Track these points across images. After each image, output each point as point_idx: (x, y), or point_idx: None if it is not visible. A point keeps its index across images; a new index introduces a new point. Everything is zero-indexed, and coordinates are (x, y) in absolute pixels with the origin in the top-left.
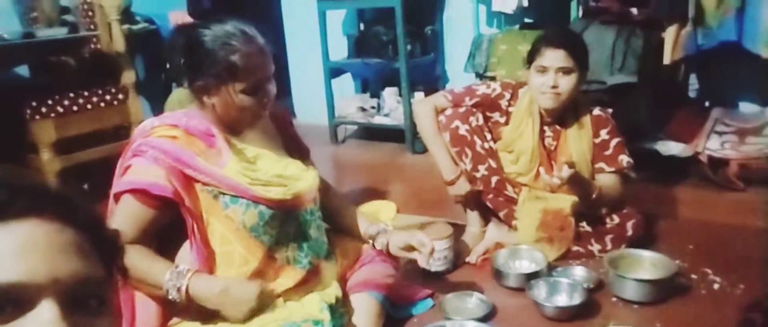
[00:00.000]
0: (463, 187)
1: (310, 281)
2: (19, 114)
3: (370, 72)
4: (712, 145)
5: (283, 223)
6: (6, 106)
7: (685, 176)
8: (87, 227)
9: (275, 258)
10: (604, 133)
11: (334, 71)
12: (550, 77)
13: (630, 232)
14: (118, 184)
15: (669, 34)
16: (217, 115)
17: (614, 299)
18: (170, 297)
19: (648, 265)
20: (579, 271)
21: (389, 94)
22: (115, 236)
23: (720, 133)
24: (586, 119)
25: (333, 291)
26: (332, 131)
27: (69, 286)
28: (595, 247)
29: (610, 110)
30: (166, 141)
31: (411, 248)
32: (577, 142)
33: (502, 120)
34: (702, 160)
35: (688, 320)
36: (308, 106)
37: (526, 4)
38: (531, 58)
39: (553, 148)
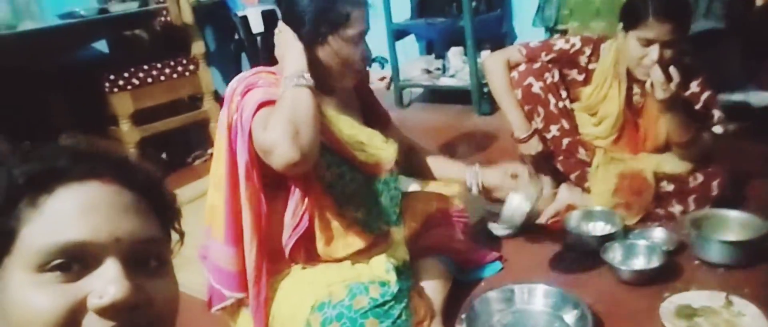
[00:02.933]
0: (534, 146)
1: (378, 245)
2: (99, 88)
3: (434, 32)
4: None
5: (358, 186)
6: (87, 81)
7: None
8: (146, 190)
9: (344, 216)
10: (694, 85)
11: (397, 33)
12: (654, 51)
13: (715, 192)
14: (246, 107)
15: None
16: (315, 70)
17: (697, 262)
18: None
19: (735, 225)
20: (658, 233)
21: (454, 54)
22: (172, 199)
23: None
24: (674, 71)
25: (400, 254)
26: (397, 94)
27: (130, 246)
28: (677, 208)
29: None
30: (271, 77)
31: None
32: None
33: (581, 78)
34: None
35: None
36: (373, 69)
37: None
38: (631, 23)
39: (639, 105)
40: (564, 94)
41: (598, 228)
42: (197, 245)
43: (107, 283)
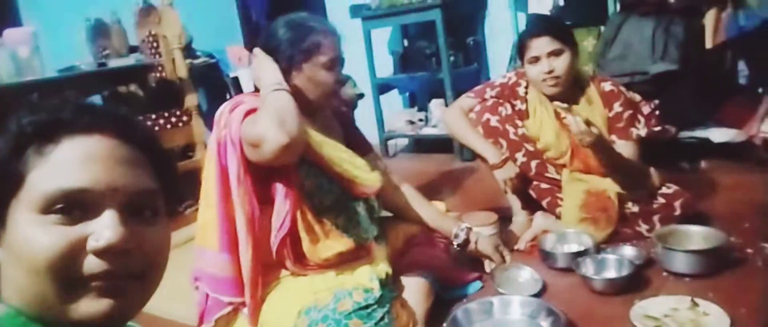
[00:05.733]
0: (511, 168)
1: (360, 257)
2: None
3: (415, 86)
4: (766, 128)
5: (335, 198)
6: None
7: (739, 161)
8: (143, 146)
9: (324, 223)
10: (617, 106)
11: (381, 87)
12: (543, 64)
13: (678, 211)
14: (234, 120)
15: (709, 18)
16: (296, 98)
17: (665, 274)
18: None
19: (698, 238)
20: (628, 250)
21: (436, 105)
22: (167, 156)
23: None
24: (594, 95)
25: (383, 268)
26: (383, 146)
27: (126, 196)
28: (644, 228)
29: (656, 101)
30: (255, 97)
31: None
32: (590, 117)
33: (524, 107)
34: (757, 144)
35: (743, 290)
36: (359, 123)
37: (561, 3)
38: (521, 53)
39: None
40: (520, 123)
41: (572, 248)
42: (187, 280)
43: (104, 228)
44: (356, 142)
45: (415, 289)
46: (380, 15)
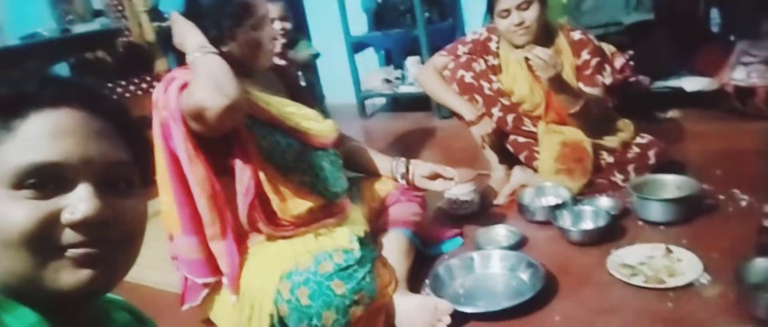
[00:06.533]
0: (488, 124)
1: (334, 216)
2: None
3: (391, 43)
4: (738, 75)
5: (296, 154)
6: None
7: (712, 109)
8: (113, 117)
9: (290, 181)
10: (585, 54)
11: (356, 46)
12: (513, 16)
13: (652, 160)
14: (171, 98)
15: None
16: (229, 59)
17: (640, 223)
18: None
19: (672, 187)
20: (604, 201)
21: (411, 62)
22: (139, 125)
23: (746, 64)
24: (563, 44)
25: (361, 227)
26: (360, 106)
27: (100, 169)
28: (619, 178)
29: (630, 52)
30: (186, 70)
31: (436, 176)
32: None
33: (497, 62)
34: (729, 92)
35: (715, 235)
36: (335, 84)
37: None
38: (491, 7)
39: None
40: (494, 78)
41: (550, 201)
42: (165, 248)
43: (79, 200)
44: (302, 99)
45: (395, 247)
46: None
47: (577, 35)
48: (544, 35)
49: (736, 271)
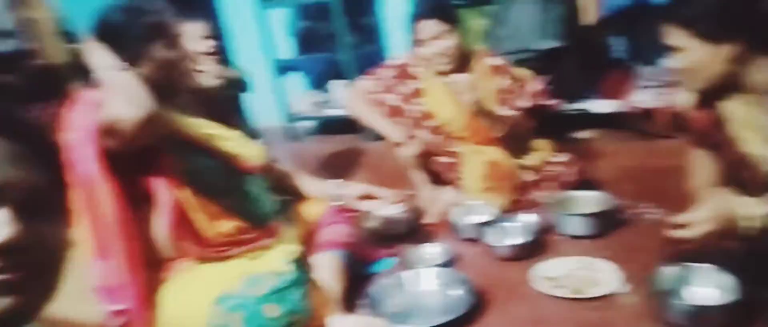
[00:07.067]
0: (415, 145)
1: (266, 239)
2: None
3: (318, 67)
4: (641, 98)
5: (219, 176)
6: None
7: (620, 130)
8: (31, 140)
9: (214, 203)
10: (504, 79)
11: (283, 69)
12: (433, 46)
13: (570, 178)
14: (76, 117)
15: None
16: (149, 83)
17: (562, 237)
18: None
19: (589, 203)
20: (527, 217)
21: (337, 86)
22: (57, 146)
23: (647, 87)
24: (483, 69)
25: (294, 249)
26: (288, 129)
27: (19, 193)
28: (540, 195)
29: (544, 77)
30: (95, 92)
31: (368, 197)
32: (480, 90)
33: (421, 86)
34: (633, 114)
35: (631, 247)
36: (262, 107)
37: None
38: (412, 35)
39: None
40: (419, 101)
41: (477, 218)
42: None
43: None
44: (230, 121)
45: (329, 268)
46: None
47: (496, 61)
48: (465, 61)
49: (650, 279)
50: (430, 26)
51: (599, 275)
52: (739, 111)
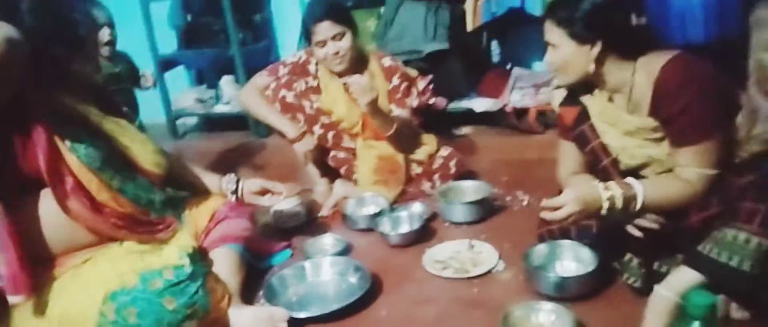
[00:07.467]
0: (310, 141)
1: (161, 233)
2: None
3: (203, 62)
4: (515, 98)
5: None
6: None
7: (496, 126)
8: None
9: (107, 182)
10: (395, 79)
11: (164, 64)
12: (329, 46)
13: (453, 170)
14: None
15: (469, 4)
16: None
17: (447, 223)
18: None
19: (471, 192)
20: (416, 207)
21: (226, 82)
22: None
23: (520, 88)
24: (376, 69)
25: (189, 243)
26: (171, 126)
27: None
28: (427, 186)
29: (430, 76)
30: None
31: (264, 192)
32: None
33: (316, 83)
34: (508, 112)
35: (507, 229)
36: (143, 102)
37: None
38: (307, 35)
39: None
40: (314, 97)
41: (370, 210)
42: None
43: None
44: (118, 113)
45: (226, 262)
46: None
47: (387, 62)
48: (359, 62)
49: (523, 257)
50: (326, 27)
51: (480, 256)
52: (597, 106)
